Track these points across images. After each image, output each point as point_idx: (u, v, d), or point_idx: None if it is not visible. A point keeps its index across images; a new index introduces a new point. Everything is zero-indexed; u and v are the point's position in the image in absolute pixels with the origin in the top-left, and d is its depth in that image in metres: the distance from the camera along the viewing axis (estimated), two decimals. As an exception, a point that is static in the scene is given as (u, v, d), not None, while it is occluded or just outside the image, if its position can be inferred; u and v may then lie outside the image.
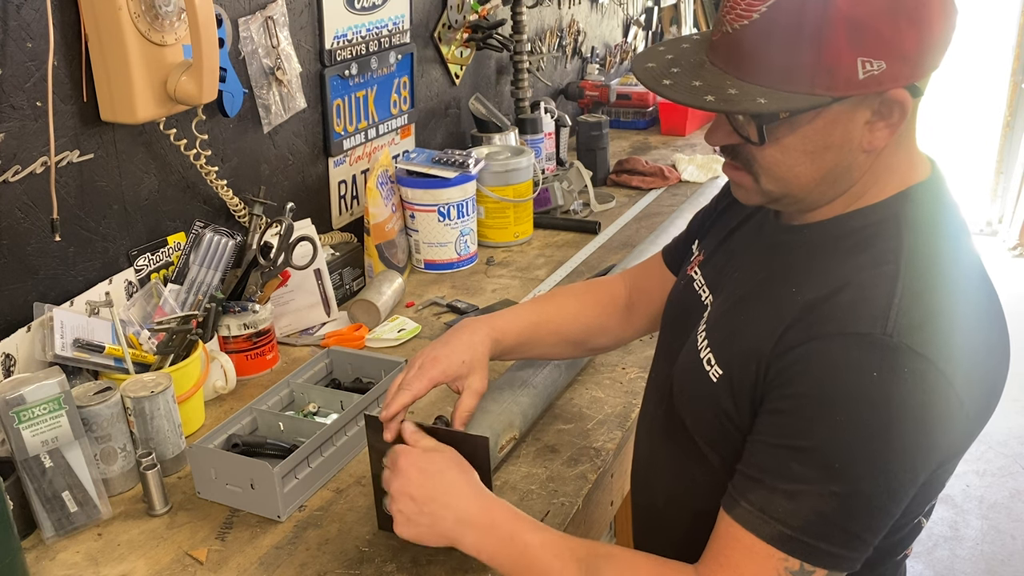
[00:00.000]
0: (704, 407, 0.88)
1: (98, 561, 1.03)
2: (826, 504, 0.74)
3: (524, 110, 2.36)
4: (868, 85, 0.74)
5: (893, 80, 0.74)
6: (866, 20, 0.72)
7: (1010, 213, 4.73)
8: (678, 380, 0.94)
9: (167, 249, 1.44)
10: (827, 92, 0.74)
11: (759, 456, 0.79)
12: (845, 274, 0.79)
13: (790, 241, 0.88)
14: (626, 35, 3.36)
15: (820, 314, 0.77)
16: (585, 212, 2.18)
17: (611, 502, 1.27)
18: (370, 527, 1.07)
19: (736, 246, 0.98)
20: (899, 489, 0.75)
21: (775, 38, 0.75)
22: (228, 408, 1.34)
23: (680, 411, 0.93)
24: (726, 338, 0.87)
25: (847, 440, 0.73)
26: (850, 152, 0.79)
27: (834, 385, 0.74)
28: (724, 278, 0.96)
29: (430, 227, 1.82)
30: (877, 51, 0.73)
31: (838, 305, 0.77)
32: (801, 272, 0.83)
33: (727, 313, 0.90)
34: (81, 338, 1.21)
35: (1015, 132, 4.66)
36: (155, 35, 1.27)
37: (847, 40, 0.72)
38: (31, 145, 1.20)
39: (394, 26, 1.91)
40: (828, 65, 0.73)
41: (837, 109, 0.76)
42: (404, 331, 1.56)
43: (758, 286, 0.88)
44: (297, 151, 1.71)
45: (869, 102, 0.76)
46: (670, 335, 1.04)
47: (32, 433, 1.03)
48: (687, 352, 0.94)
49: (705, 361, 0.88)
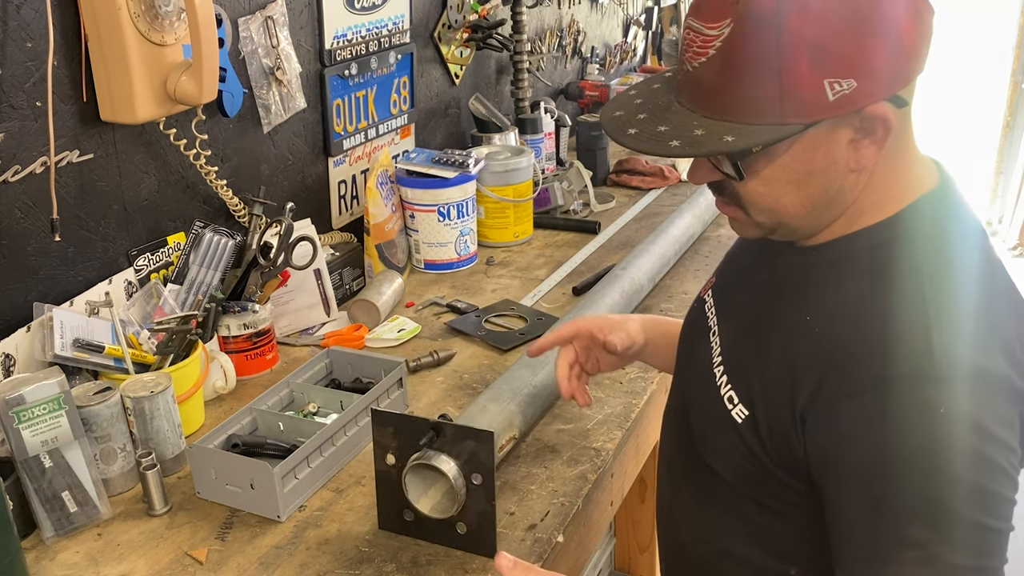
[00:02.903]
0: (729, 448, 0.85)
1: (98, 561, 1.03)
2: (959, 553, 0.70)
3: (524, 110, 2.36)
4: (841, 106, 0.72)
5: (868, 96, 0.72)
6: (825, 42, 0.70)
7: (1010, 213, 4.73)
8: (698, 419, 0.91)
9: (167, 249, 1.44)
10: (798, 120, 0.72)
11: (861, 531, 0.74)
12: (865, 303, 0.76)
13: (796, 264, 0.85)
14: (626, 35, 3.36)
15: (854, 355, 0.74)
16: (585, 212, 2.18)
17: (611, 502, 1.27)
18: (370, 527, 1.07)
19: (742, 269, 0.97)
20: (1009, 505, 0.72)
21: (735, 72, 0.73)
22: (228, 408, 1.34)
23: (702, 451, 0.90)
24: (745, 374, 0.84)
25: (944, 484, 0.70)
26: (837, 174, 0.77)
27: (909, 436, 0.71)
28: (731, 303, 0.94)
29: (430, 227, 1.82)
30: (843, 70, 0.70)
31: (875, 347, 0.73)
32: (812, 298, 0.81)
33: (741, 345, 0.87)
34: (81, 338, 1.20)
35: (1015, 132, 4.66)
36: (155, 35, 1.27)
37: (808, 64, 0.70)
38: (31, 145, 1.20)
39: (394, 26, 1.91)
40: (793, 92, 0.71)
41: (813, 134, 0.74)
42: (404, 331, 1.56)
43: (767, 313, 0.86)
44: (297, 151, 1.71)
45: (848, 121, 0.74)
46: (684, 361, 1.01)
47: (32, 433, 1.03)
48: (704, 388, 0.90)
49: (726, 399, 0.85)
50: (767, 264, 0.90)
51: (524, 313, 1.63)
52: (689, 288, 1.72)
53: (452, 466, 0.97)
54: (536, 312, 1.63)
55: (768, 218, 0.81)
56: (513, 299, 1.70)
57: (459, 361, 1.47)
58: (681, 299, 1.68)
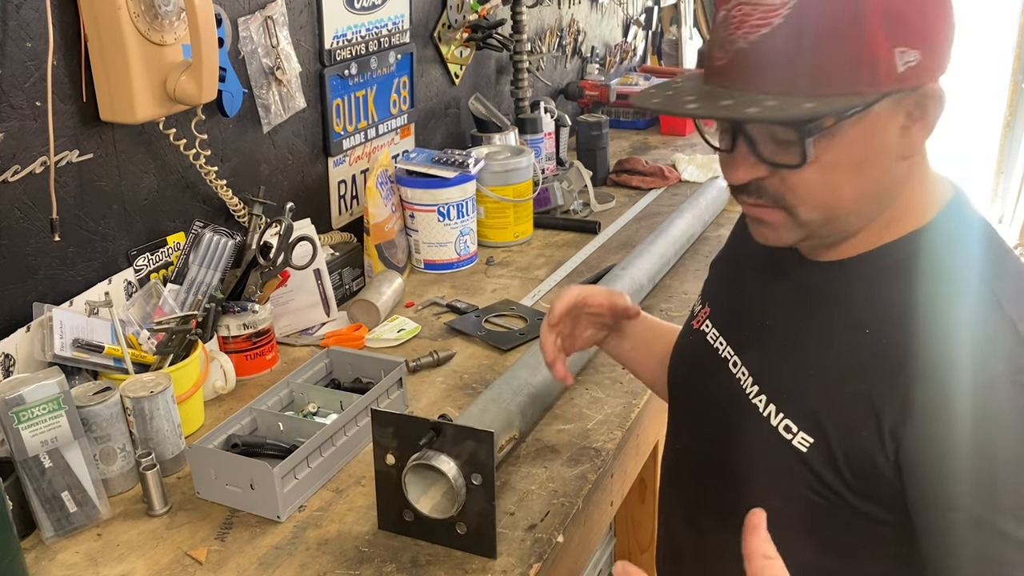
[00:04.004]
0: (793, 482, 0.78)
1: (97, 561, 1.03)
2: None
3: (524, 110, 2.36)
4: (907, 78, 0.69)
5: (928, 73, 0.70)
6: (899, 7, 0.68)
7: (1010, 213, 4.72)
8: (742, 459, 0.84)
9: (166, 249, 1.44)
10: (871, 89, 0.69)
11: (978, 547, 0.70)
12: (929, 308, 0.73)
13: (829, 280, 0.81)
14: (626, 35, 3.35)
15: (950, 365, 0.70)
16: (585, 212, 2.18)
17: (611, 502, 1.27)
18: (370, 527, 1.07)
19: (752, 293, 0.91)
20: None
21: (806, 37, 0.69)
22: (228, 408, 1.34)
23: (748, 493, 0.82)
24: (800, 399, 0.79)
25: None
26: (889, 161, 0.74)
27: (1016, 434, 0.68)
28: (750, 330, 0.88)
29: (430, 227, 1.82)
30: (913, 40, 0.68)
31: (963, 349, 0.70)
32: (865, 312, 0.77)
33: (781, 370, 0.82)
34: (80, 338, 1.20)
35: (1015, 132, 4.66)
36: (155, 35, 1.27)
37: (883, 29, 0.68)
38: (30, 145, 1.20)
39: (394, 26, 1.91)
40: (869, 58, 0.68)
41: (877, 111, 0.71)
42: (404, 331, 1.56)
43: (805, 332, 0.81)
44: (297, 151, 1.71)
45: (905, 102, 0.72)
46: (696, 401, 0.95)
47: (31, 433, 1.03)
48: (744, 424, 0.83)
49: (782, 429, 0.79)
50: (784, 284, 0.86)
51: (524, 313, 1.63)
52: (689, 288, 1.72)
53: (452, 466, 0.97)
54: (536, 312, 1.63)
55: (820, 214, 0.76)
56: (513, 299, 1.70)
57: (459, 361, 1.47)
58: (681, 299, 1.68)
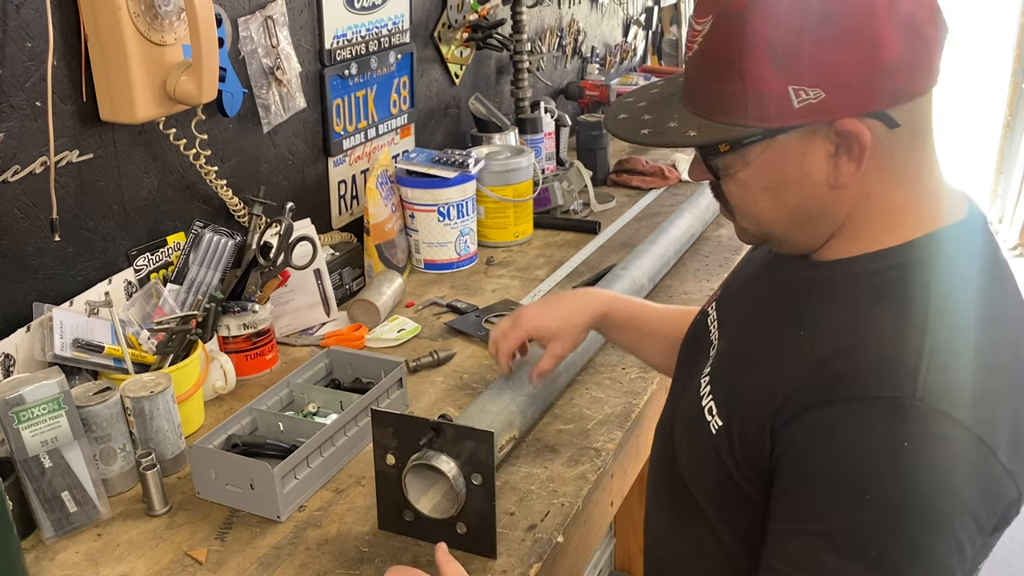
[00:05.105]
0: (703, 461, 0.82)
1: (97, 561, 1.03)
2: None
3: (524, 110, 2.36)
4: (808, 115, 0.69)
5: (840, 109, 0.69)
6: (788, 46, 0.68)
7: (1010, 213, 4.73)
8: (680, 431, 0.89)
9: (167, 249, 1.44)
10: (761, 123, 0.71)
11: (786, 546, 0.71)
12: (862, 323, 0.72)
13: (796, 278, 0.82)
14: (626, 35, 3.35)
15: (838, 372, 0.70)
16: (585, 212, 2.18)
17: (611, 502, 1.27)
18: (370, 527, 1.07)
19: (744, 281, 0.95)
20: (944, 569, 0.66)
21: (706, 68, 0.73)
22: (228, 408, 1.34)
23: (680, 466, 0.87)
24: (727, 385, 0.82)
25: (882, 522, 0.65)
26: (815, 188, 0.74)
27: (863, 460, 0.66)
28: (730, 316, 0.92)
29: (430, 227, 1.82)
30: (809, 79, 0.68)
31: (860, 363, 0.69)
32: (809, 314, 0.77)
33: (728, 357, 0.85)
34: (80, 338, 1.20)
35: (1015, 132, 4.66)
36: (155, 35, 1.26)
37: (771, 67, 0.68)
38: (30, 145, 1.20)
39: (394, 26, 1.91)
40: (756, 94, 0.70)
41: (784, 141, 0.72)
42: (404, 331, 1.56)
43: (760, 325, 0.84)
44: (297, 151, 1.71)
45: (822, 134, 0.71)
46: (680, 374, 0.99)
47: (32, 433, 1.03)
48: (690, 400, 0.87)
49: (706, 410, 0.82)
50: (769, 277, 0.89)
51: (524, 313, 1.63)
52: (689, 288, 1.72)
53: (452, 466, 0.97)
54: (536, 312, 1.63)
55: (751, 224, 0.81)
56: (513, 299, 1.70)
57: (459, 361, 1.47)
58: (681, 299, 1.68)
